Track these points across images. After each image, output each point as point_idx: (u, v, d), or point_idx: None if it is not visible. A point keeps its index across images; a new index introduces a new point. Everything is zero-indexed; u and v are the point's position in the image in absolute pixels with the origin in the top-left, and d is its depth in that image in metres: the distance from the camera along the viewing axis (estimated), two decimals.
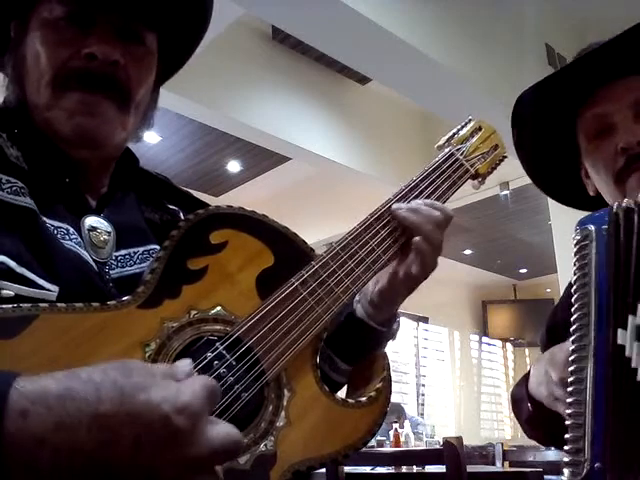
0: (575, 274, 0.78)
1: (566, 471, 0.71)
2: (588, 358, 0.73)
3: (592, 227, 0.78)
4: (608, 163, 0.97)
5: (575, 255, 0.78)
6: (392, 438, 3.96)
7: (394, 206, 0.80)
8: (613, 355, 0.71)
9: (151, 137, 5.35)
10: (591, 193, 1.06)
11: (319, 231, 6.37)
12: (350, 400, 0.71)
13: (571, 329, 0.76)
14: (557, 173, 1.12)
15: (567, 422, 0.72)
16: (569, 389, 0.73)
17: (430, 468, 2.67)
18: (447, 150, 0.90)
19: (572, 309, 0.76)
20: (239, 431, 0.49)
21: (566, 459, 0.71)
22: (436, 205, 0.81)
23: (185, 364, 0.50)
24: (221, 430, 0.47)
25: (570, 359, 0.74)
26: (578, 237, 0.79)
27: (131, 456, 0.43)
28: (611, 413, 0.70)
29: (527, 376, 0.96)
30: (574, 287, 0.77)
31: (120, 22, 0.76)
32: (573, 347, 0.75)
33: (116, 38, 0.75)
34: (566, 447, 0.72)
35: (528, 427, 1.03)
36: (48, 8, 0.75)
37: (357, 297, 0.84)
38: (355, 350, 0.83)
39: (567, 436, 0.72)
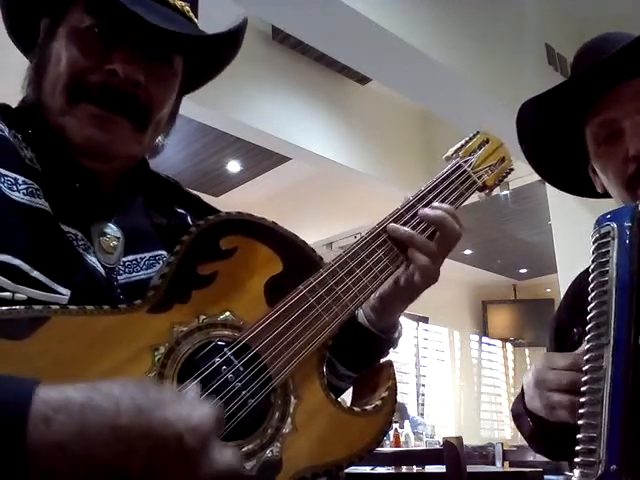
0: (593, 272, 0.76)
1: (576, 471, 0.70)
2: (606, 358, 0.71)
3: (614, 224, 0.76)
4: (618, 169, 0.96)
5: (594, 252, 0.77)
6: (392, 438, 3.96)
7: (420, 212, 0.82)
8: (634, 356, 0.70)
9: None
10: (599, 190, 1.06)
11: (319, 231, 6.37)
12: (356, 408, 0.71)
13: (587, 328, 0.74)
14: (564, 168, 1.12)
15: (580, 422, 0.72)
16: (583, 388, 0.72)
17: (430, 468, 2.67)
18: (455, 162, 0.90)
19: (588, 307, 0.75)
20: (238, 461, 0.50)
21: (577, 459, 0.70)
22: (451, 210, 0.83)
23: (193, 391, 0.52)
24: (225, 456, 0.49)
25: (585, 358, 0.73)
26: (597, 234, 0.77)
27: (144, 470, 0.44)
28: (629, 415, 0.69)
29: (523, 392, 0.95)
30: (591, 285, 0.76)
31: (149, 42, 0.74)
32: (589, 346, 0.73)
33: (142, 57, 0.74)
34: (578, 447, 0.71)
35: (532, 443, 1.02)
36: (78, 18, 0.74)
37: None
38: (355, 355, 0.83)
39: (579, 436, 0.71)
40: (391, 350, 0.86)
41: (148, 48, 0.74)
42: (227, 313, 0.67)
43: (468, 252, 8.20)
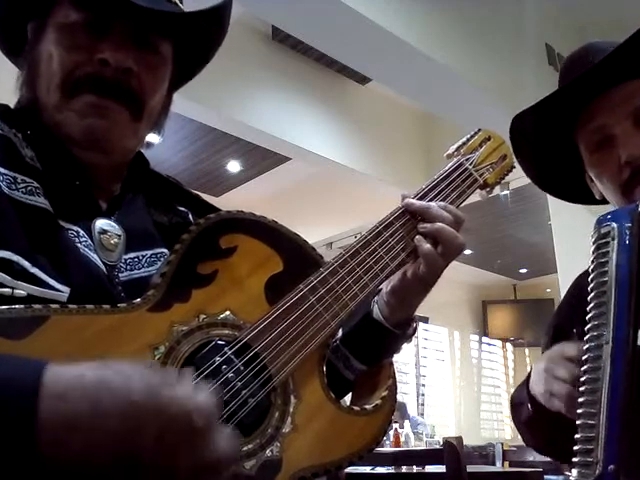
0: (593, 272, 0.76)
1: (574, 471, 0.70)
2: (604, 358, 0.72)
3: (614, 225, 0.76)
4: (613, 175, 0.97)
5: (594, 252, 0.77)
6: (392, 438, 3.97)
7: (406, 201, 0.81)
8: (633, 356, 0.71)
9: (151, 137, 5.33)
10: (597, 197, 1.07)
11: (319, 231, 6.37)
12: (355, 407, 0.71)
13: (586, 328, 0.75)
14: (562, 178, 1.13)
15: (578, 422, 0.72)
16: (581, 388, 0.73)
17: (430, 468, 2.67)
18: (456, 159, 0.90)
19: (588, 307, 0.75)
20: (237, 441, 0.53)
21: (575, 459, 0.71)
22: (448, 208, 0.82)
23: (189, 375, 0.55)
24: (226, 437, 0.50)
25: (584, 358, 0.74)
26: (597, 234, 0.78)
27: (154, 446, 0.45)
28: (627, 415, 0.69)
29: (528, 379, 0.96)
30: (591, 285, 0.76)
31: (136, 30, 0.76)
32: (587, 346, 0.74)
33: (130, 45, 0.75)
34: (576, 447, 0.71)
35: (526, 430, 1.02)
36: (64, 13, 0.75)
37: (375, 297, 0.84)
38: (370, 350, 0.83)
39: (577, 436, 0.71)
40: (405, 344, 0.86)
41: (135, 36, 0.76)
42: (227, 312, 0.66)
43: (468, 252, 8.19)
